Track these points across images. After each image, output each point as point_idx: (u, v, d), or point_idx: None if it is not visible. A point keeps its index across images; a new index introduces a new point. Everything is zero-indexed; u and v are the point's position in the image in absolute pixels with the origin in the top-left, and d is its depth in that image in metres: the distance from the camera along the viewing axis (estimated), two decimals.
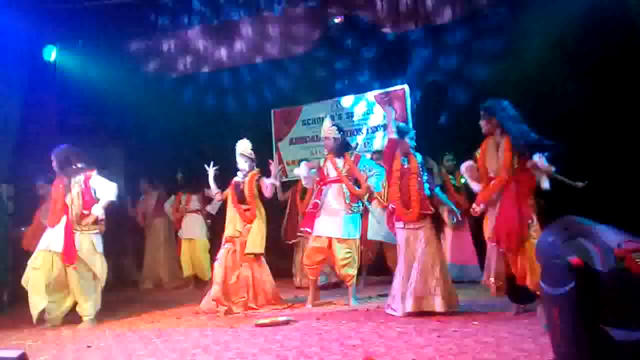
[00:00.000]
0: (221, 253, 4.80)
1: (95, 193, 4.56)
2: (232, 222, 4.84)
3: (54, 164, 4.61)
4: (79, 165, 4.59)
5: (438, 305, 3.88)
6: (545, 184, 3.73)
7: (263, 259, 4.91)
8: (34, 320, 4.37)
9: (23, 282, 4.40)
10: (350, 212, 4.69)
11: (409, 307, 3.91)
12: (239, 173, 5.00)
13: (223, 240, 4.86)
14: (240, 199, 4.86)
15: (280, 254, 6.27)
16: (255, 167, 5.01)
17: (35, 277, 4.35)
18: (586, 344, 1.64)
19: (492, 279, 3.76)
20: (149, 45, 7.49)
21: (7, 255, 5.77)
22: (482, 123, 3.85)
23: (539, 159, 3.59)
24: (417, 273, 3.94)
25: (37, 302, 4.34)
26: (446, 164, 6.01)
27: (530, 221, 3.60)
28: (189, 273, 6.78)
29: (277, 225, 6.17)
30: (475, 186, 3.91)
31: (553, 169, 3.65)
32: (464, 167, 4.02)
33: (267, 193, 4.81)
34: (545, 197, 3.71)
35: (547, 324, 1.84)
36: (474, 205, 3.84)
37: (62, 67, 7.13)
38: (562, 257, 1.69)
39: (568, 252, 1.69)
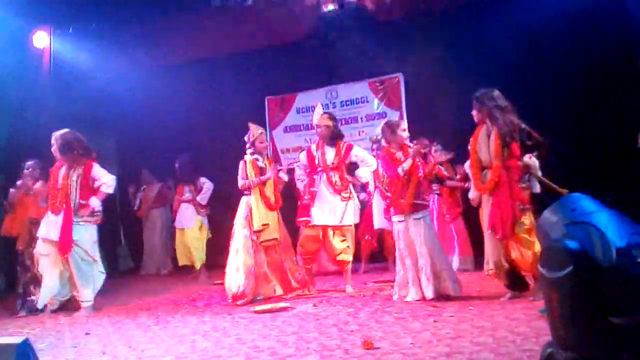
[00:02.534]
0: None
1: (93, 183, 4.55)
2: None
3: (55, 147, 4.57)
4: (80, 152, 4.56)
5: (432, 291, 3.93)
6: (536, 188, 3.79)
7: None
8: (40, 307, 4.45)
9: (38, 269, 4.47)
10: (343, 199, 4.70)
11: (430, 293, 3.94)
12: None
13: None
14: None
15: None
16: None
17: (46, 264, 4.41)
18: (584, 328, 1.67)
19: (486, 268, 3.83)
20: (142, 32, 7.39)
21: (1, 244, 5.78)
22: (474, 112, 3.90)
23: (529, 158, 3.65)
24: (420, 263, 3.99)
25: (50, 288, 4.44)
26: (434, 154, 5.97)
27: (522, 207, 3.66)
28: (183, 262, 6.77)
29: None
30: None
31: (539, 171, 3.73)
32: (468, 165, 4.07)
33: None
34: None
35: (545, 307, 1.87)
36: (470, 194, 3.89)
37: (54, 54, 7.03)
38: (563, 241, 1.71)
39: (570, 235, 1.70)
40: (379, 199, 5.64)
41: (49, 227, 4.44)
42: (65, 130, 4.60)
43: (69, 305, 4.64)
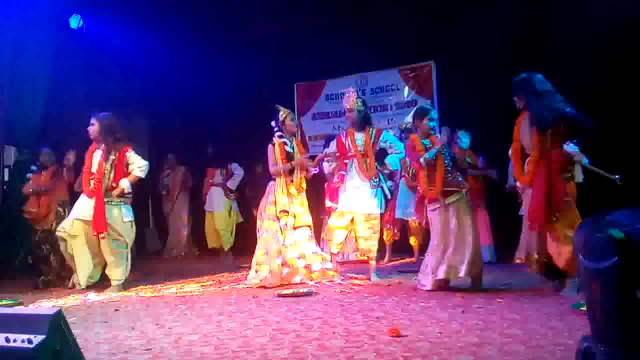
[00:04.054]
0: None
1: (127, 167, 4.64)
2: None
3: (96, 127, 4.65)
4: (118, 137, 4.64)
5: (463, 271, 3.85)
6: (579, 177, 3.65)
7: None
8: (83, 285, 4.58)
9: (68, 250, 4.56)
10: (372, 186, 4.65)
11: (441, 274, 3.88)
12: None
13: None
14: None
15: None
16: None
17: (78, 244, 4.51)
18: (626, 322, 1.61)
19: (517, 255, 3.75)
20: (173, 16, 7.42)
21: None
22: (515, 98, 3.76)
23: (567, 146, 3.52)
24: (452, 246, 3.92)
25: (84, 266, 4.53)
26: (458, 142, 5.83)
27: (566, 200, 3.53)
28: (212, 245, 6.89)
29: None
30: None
31: (584, 160, 3.58)
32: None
33: None
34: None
35: (585, 300, 1.82)
36: (518, 184, 3.80)
37: (88, 35, 7.14)
38: (604, 232, 1.65)
39: (608, 227, 1.66)
40: (404, 188, 5.58)
41: (83, 208, 4.54)
42: (108, 113, 4.70)
43: (99, 283, 4.75)
